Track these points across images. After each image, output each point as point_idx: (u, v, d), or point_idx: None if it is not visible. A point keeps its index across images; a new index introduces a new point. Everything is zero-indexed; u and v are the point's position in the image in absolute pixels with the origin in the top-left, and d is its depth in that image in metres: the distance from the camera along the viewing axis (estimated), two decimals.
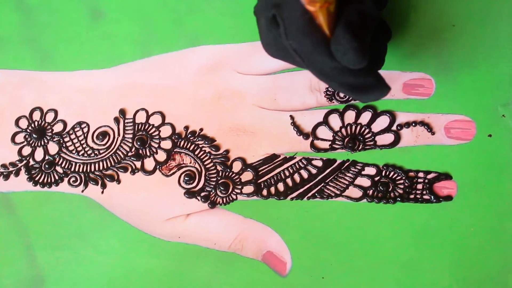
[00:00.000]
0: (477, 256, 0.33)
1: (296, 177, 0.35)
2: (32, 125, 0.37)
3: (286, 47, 0.26)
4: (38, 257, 0.36)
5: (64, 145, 0.37)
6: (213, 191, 0.35)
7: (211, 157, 0.35)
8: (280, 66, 0.36)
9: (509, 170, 0.33)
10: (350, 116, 0.35)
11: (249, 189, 0.35)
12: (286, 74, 0.36)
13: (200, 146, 0.36)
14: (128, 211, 0.36)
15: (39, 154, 0.37)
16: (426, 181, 0.34)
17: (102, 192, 0.36)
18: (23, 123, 0.37)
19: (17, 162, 0.37)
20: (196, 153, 0.36)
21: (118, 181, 0.36)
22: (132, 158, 0.36)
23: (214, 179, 0.35)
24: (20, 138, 0.37)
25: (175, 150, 0.36)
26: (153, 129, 0.36)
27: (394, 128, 0.34)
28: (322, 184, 0.34)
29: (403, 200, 0.34)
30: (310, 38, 0.25)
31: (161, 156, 0.36)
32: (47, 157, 0.37)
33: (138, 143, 0.36)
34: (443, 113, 0.34)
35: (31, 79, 0.38)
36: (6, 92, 0.38)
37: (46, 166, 0.36)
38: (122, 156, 0.36)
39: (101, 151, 0.36)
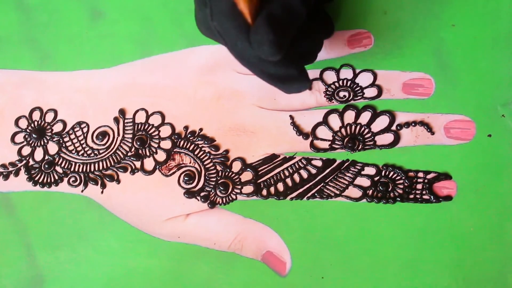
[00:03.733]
0: (477, 256, 0.33)
1: (296, 177, 0.35)
2: (32, 125, 0.37)
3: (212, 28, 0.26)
4: (38, 257, 0.36)
5: (63, 145, 0.37)
6: (212, 191, 0.35)
7: (211, 157, 0.35)
8: None
9: (509, 170, 0.33)
10: (349, 116, 0.35)
11: (248, 189, 0.35)
12: None
13: (200, 146, 0.36)
14: (127, 211, 0.36)
15: (38, 154, 0.37)
16: (426, 181, 0.34)
17: (102, 192, 0.36)
18: (23, 123, 0.37)
19: (17, 162, 0.37)
20: (196, 153, 0.36)
21: (118, 181, 0.36)
22: (132, 158, 0.36)
23: (214, 179, 0.35)
24: (19, 138, 0.37)
25: (174, 150, 0.36)
26: (153, 129, 0.36)
27: (393, 128, 0.34)
28: (322, 184, 0.34)
29: (403, 200, 0.34)
30: (232, 22, 0.25)
31: (161, 156, 0.36)
32: (46, 157, 0.37)
33: (138, 143, 0.36)
34: (443, 113, 0.34)
35: (31, 79, 0.38)
36: (6, 92, 0.38)
37: (46, 166, 0.36)
38: (122, 156, 0.36)
39: (100, 151, 0.36)
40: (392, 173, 0.34)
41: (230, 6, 0.25)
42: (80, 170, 0.36)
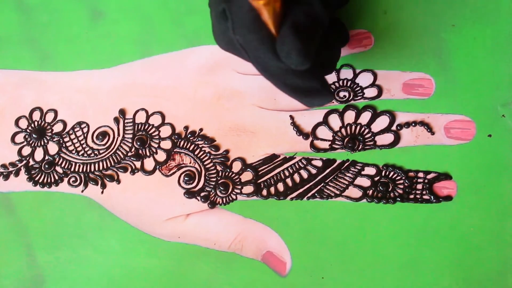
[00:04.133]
0: (477, 256, 0.33)
1: (296, 177, 0.35)
2: (32, 125, 0.37)
3: (233, 42, 0.26)
4: (38, 257, 0.36)
5: (64, 145, 0.37)
6: (213, 191, 0.35)
7: (211, 157, 0.35)
8: None
9: (509, 170, 0.33)
10: (350, 116, 0.35)
11: (248, 189, 0.35)
12: None
13: (200, 146, 0.36)
14: (128, 211, 0.36)
15: (39, 154, 0.37)
16: (426, 181, 0.34)
17: (102, 192, 0.36)
18: (23, 123, 0.37)
19: (17, 162, 0.37)
20: (196, 153, 0.36)
21: (118, 181, 0.36)
22: (132, 158, 0.36)
23: (214, 179, 0.35)
24: (20, 138, 0.37)
25: (175, 150, 0.36)
26: (153, 129, 0.36)
27: (394, 128, 0.34)
28: (322, 184, 0.34)
29: (403, 200, 0.34)
30: (255, 35, 0.25)
31: (161, 156, 0.36)
32: (47, 157, 0.37)
33: (138, 143, 0.36)
34: (443, 113, 0.34)
35: (31, 79, 0.38)
36: (6, 92, 0.38)
37: (46, 166, 0.36)
38: (122, 156, 0.36)
39: (101, 151, 0.36)
40: (392, 173, 0.34)
41: (253, 18, 0.24)
42: (80, 170, 0.36)
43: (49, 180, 0.36)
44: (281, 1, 0.24)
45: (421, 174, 0.34)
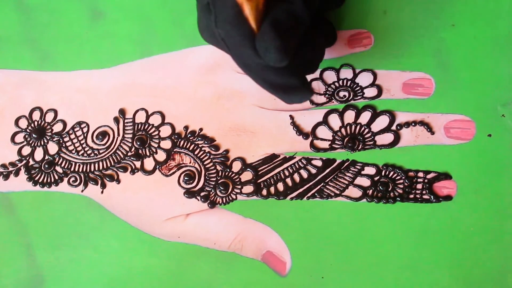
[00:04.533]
0: (477, 256, 0.33)
1: (296, 177, 0.35)
2: (32, 125, 0.37)
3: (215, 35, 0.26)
4: (38, 257, 0.36)
5: (63, 145, 0.37)
6: (212, 191, 0.35)
7: (211, 157, 0.35)
8: None
9: (509, 170, 0.33)
10: (349, 116, 0.35)
11: (248, 189, 0.35)
12: None
13: (200, 146, 0.36)
14: (127, 211, 0.36)
15: (38, 154, 0.37)
16: (426, 181, 0.34)
17: (102, 192, 0.36)
18: (23, 123, 0.37)
19: (17, 162, 0.37)
20: (196, 153, 0.36)
21: (118, 181, 0.36)
22: (132, 158, 0.36)
23: (214, 179, 0.35)
24: (19, 138, 0.37)
25: (174, 150, 0.36)
26: (153, 129, 0.36)
27: (393, 127, 0.34)
28: (322, 184, 0.34)
29: (403, 200, 0.34)
30: (237, 30, 0.25)
31: (161, 156, 0.36)
32: (46, 157, 0.37)
33: (138, 143, 0.36)
34: (443, 112, 0.34)
35: (30, 79, 0.38)
36: (6, 92, 0.38)
37: (46, 166, 0.36)
38: (122, 156, 0.36)
39: (100, 151, 0.36)
40: (392, 173, 0.34)
41: (235, 13, 0.25)
42: (80, 170, 0.36)
43: (49, 180, 0.36)
44: None
45: (421, 174, 0.34)
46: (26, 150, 0.37)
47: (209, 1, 0.26)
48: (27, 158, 0.37)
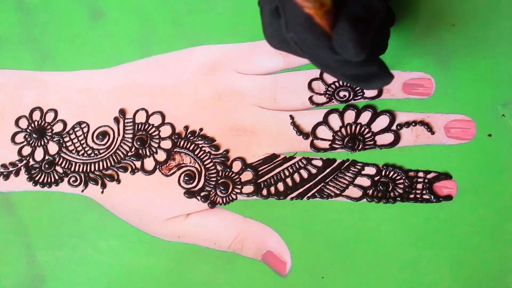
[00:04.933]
0: (477, 256, 0.33)
1: (296, 177, 0.35)
2: (32, 125, 0.37)
3: (287, 40, 0.26)
4: (38, 257, 0.36)
5: (64, 145, 0.37)
6: (213, 191, 0.35)
7: (211, 157, 0.35)
8: (280, 66, 0.36)
9: (509, 169, 0.33)
10: (350, 116, 0.35)
11: (249, 189, 0.35)
12: (286, 74, 0.36)
13: (200, 146, 0.36)
14: (128, 211, 0.36)
15: (39, 154, 0.37)
16: (426, 180, 0.34)
17: (102, 192, 0.36)
18: (23, 123, 0.37)
19: (17, 162, 0.37)
20: (196, 153, 0.36)
21: (118, 181, 0.36)
22: (132, 158, 0.36)
23: (214, 179, 0.35)
24: (20, 138, 0.37)
25: (175, 150, 0.36)
26: (153, 129, 0.36)
27: (394, 127, 0.34)
28: (322, 184, 0.34)
29: (403, 200, 0.34)
30: (310, 32, 0.25)
31: (161, 156, 0.36)
32: (47, 157, 0.37)
33: (138, 143, 0.36)
34: (443, 112, 0.34)
35: (31, 79, 0.38)
36: (6, 92, 0.38)
37: (46, 166, 0.36)
38: (122, 156, 0.36)
39: (101, 151, 0.36)
40: (392, 172, 0.34)
41: (306, 16, 0.24)
42: (80, 170, 0.36)
43: (49, 180, 0.36)
44: (331, 5, 0.24)
45: (421, 174, 0.34)
46: (27, 150, 0.37)
47: (277, 6, 0.25)
48: (28, 158, 0.37)
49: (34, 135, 0.37)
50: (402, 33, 0.35)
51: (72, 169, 0.36)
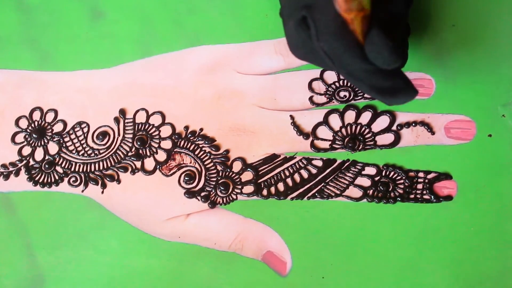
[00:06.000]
0: (477, 256, 0.33)
1: (296, 177, 0.35)
2: (32, 125, 0.37)
3: (315, 50, 0.26)
4: (38, 257, 0.36)
5: (64, 145, 0.37)
6: (213, 191, 0.35)
7: (211, 157, 0.35)
8: (280, 66, 0.36)
9: (509, 170, 0.33)
10: (350, 116, 0.35)
11: (249, 189, 0.35)
12: (286, 74, 0.36)
13: (200, 146, 0.36)
14: (128, 211, 0.36)
15: (39, 154, 0.37)
16: (426, 181, 0.34)
17: (102, 192, 0.36)
18: (23, 123, 0.37)
19: (17, 162, 0.37)
20: (196, 153, 0.36)
21: (118, 181, 0.36)
22: (132, 158, 0.36)
23: (214, 179, 0.35)
24: (20, 138, 0.37)
25: (175, 150, 0.36)
26: (153, 129, 0.36)
27: (394, 128, 0.34)
28: (322, 184, 0.34)
29: (403, 200, 0.34)
30: (342, 41, 0.25)
31: (161, 156, 0.36)
32: (47, 157, 0.37)
33: (138, 143, 0.36)
34: (443, 113, 0.34)
35: (31, 79, 0.38)
36: (6, 92, 0.38)
37: (46, 166, 0.36)
38: (122, 156, 0.36)
39: (101, 151, 0.36)
40: (392, 173, 0.34)
41: (339, 25, 0.24)
42: (81, 170, 0.36)
43: (49, 180, 0.36)
44: (370, 9, 0.24)
45: (421, 174, 0.34)
46: (27, 150, 0.37)
47: (305, 15, 0.25)
48: (28, 158, 0.37)
49: (34, 135, 0.37)
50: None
51: (72, 169, 0.36)
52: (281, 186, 0.35)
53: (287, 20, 0.27)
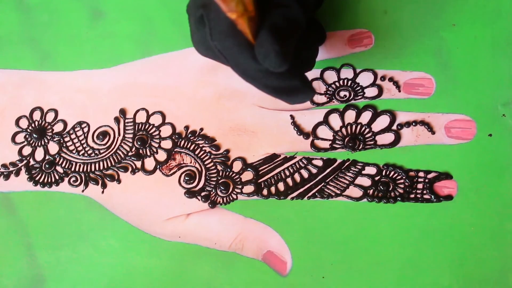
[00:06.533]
0: (477, 255, 0.33)
1: (297, 176, 0.35)
2: (33, 125, 0.37)
3: (212, 47, 0.26)
4: (38, 256, 0.36)
5: (64, 145, 0.37)
6: (213, 190, 0.35)
7: (212, 156, 0.35)
8: None
9: (510, 169, 0.33)
10: (350, 115, 0.35)
11: (249, 188, 0.35)
12: None
13: (201, 145, 0.36)
14: (128, 210, 0.36)
15: (39, 154, 0.37)
16: (427, 180, 0.34)
17: (103, 192, 0.36)
18: (23, 123, 0.37)
19: (18, 162, 0.37)
20: (197, 152, 0.36)
21: (119, 181, 0.36)
22: (133, 158, 0.36)
23: (215, 179, 0.35)
24: (20, 138, 0.37)
25: (175, 149, 0.36)
26: (154, 128, 0.36)
27: (394, 127, 0.34)
28: (323, 183, 0.34)
29: (404, 200, 0.34)
30: (233, 40, 0.25)
31: (162, 155, 0.36)
32: (47, 157, 0.37)
33: (139, 143, 0.36)
34: (444, 112, 0.34)
35: (31, 79, 0.38)
36: (6, 92, 0.38)
37: (47, 166, 0.36)
38: (123, 155, 0.36)
39: (101, 151, 0.36)
40: (392, 172, 0.34)
41: (230, 24, 0.25)
42: (81, 170, 0.36)
43: (49, 180, 0.36)
44: (256, 7, 0.24)
45: (421, 174, 0.34)
46: (27, 150, 0.37)
47: (203, 14, 0.26)
48: (28, 158, 0.37)
49: (34, 135, 0.37)
50: (402, 32, 0.35)
51: (73, 169, 0.36)
52: (281, 186, 0.35)
53: (190, 16, 0.28)
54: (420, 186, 0.34)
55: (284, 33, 0.25)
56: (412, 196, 0.34)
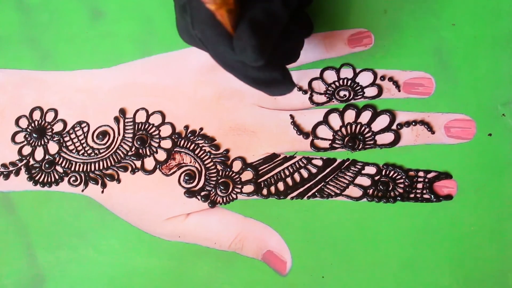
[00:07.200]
0: (477, 255, 0.33)
1: (296, 176, 0.35)
2: (32, 125, 0.37)
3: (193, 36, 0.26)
4: (38, 256, 0.36)
5: (64, 145, 0.37)
6: (213, 190, 0.35)
7: (211, 156, 0.35)
8: None
9: (509, 169, 0.33)
10: (350, 115, 0.35)
11: (249, 188, 0.35)
12: None
13: (200, 145, 0.36)
14: (128, 210, 0.36)
15: (39, 154, 0.37)
16: (426, 180, 0.34)
17: (102, 191, 0.36)
18: (23, 123, 0.37)
19: (17, 161, 0.37)
20: (196, 152, 0.36)
21: (118, 181, 0.36)
22: (132, 158, 0.36)
23: (214, 179, 0.35)
24: (20, 137, 0.37)
25: (175, 149, 0.36)
26: (153, 128, 0.36)
27: (394, 127, 0.34)
28: (322, 183, 0.34)
29: (403, 200, 0.34)
30: (213, 30, 0.25)
31: (161, 155, 0.36)
32: (47, 157, 0.37)
33: (138, 143, 0.36)
34: (443, 112, 0.34)
35: (31, 79, 0.38)
36: (6, 91, 0.38)
37: (46, 165, 0.36)
38: (122, 155, 0.36)
39: (101, 151, 0.36)
40: (392, 172, 0.34)
41: (210, 14, 0.25)
42: (81, 169, 0.36)
43: (49, 180, 0.36)
44: (234, 3, 0.24)
45: (421, 173, 0.34)
46: (27, 150, 0.37)
47: (185, 2, 0.26)
48: (28, 158, 0.37)
49: (34, 135, 0.37)
50: (402, 32, 0.35)
51: (72, 169, 0.36)
52: (281, 186, 0.35)
53: (175, 4, 0.28)
54: (420, 185, 0.34)
55: (263, 28, 0.25)
56: (412, 195, 0.34)
